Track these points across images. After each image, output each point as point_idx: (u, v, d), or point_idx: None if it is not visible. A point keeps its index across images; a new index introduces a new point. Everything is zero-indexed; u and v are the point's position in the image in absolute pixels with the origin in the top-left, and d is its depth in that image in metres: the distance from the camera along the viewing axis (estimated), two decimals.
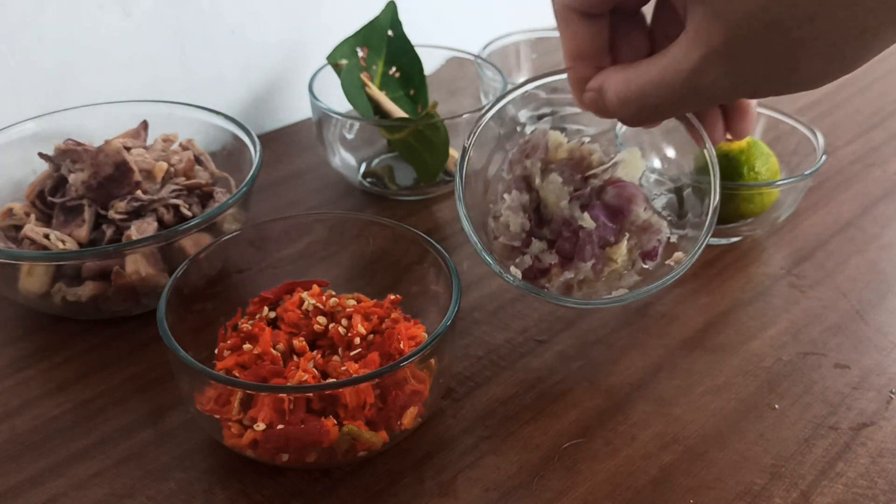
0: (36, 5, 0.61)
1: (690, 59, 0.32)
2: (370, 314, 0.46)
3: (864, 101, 0.85)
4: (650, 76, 0.35)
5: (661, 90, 0.34)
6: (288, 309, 0.46)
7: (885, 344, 0.52)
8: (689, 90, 0.33)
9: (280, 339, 0.44)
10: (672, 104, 0.35)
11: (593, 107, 0.39)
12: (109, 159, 0.54)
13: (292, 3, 0.76)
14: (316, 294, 0.47)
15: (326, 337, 0.45)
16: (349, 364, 0.42)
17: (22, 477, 0.43)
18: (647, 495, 0.42)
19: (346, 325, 0.45)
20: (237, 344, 0.44)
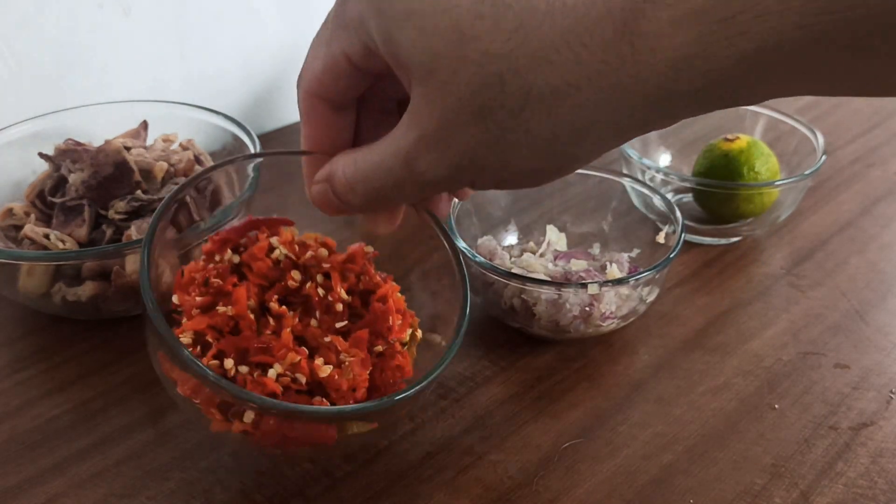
0: (36, 5, 0.61)
1: (407, 142, 0.31)
2: (346, 271, 0.42)
3: (864, 101, 0.85)
4: (374, 157, 0.33)
5: (383, 173, 0.32)
6: (256, 256, 0.41)
7: (885, 344, 0.52)
8: (408, 174, 0.31)
9: (251, 293, 0.40)
10: (394, 189, 0.33)
11: (321, 201, 0.36)
12: (109, 159, 0.54)
13: (292, 3, 0.77)
14: (287, 242, 0.42)
15: (300, 294, 0.41)
16: (335, 339, 0.39)
17: (22, 477, 0.43)
18: (647, 495, 0.42)
19: (322, 282, 0.41)
20: (208, 302, 0.39)
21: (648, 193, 0.56)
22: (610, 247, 0.58)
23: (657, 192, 0.55)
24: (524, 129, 0.28)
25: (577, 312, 0.49)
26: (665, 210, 0.54)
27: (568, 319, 0.49)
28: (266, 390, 0.36)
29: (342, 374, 0.38)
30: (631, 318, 0.51)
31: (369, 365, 0.39)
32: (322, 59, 0.34)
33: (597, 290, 0.47)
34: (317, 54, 0.34)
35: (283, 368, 0.37)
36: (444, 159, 0.30)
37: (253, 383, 0.37)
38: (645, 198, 0.56)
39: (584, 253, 0.56)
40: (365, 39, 0.31)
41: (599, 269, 0.54)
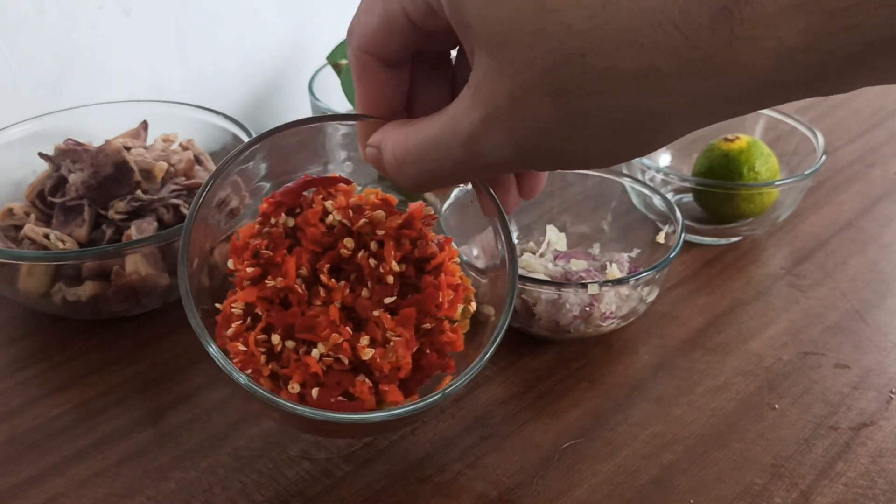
0: (36, 5, 0.61)
1: (470, 120, 0.28)
2: (402, 238, 0.39)
3: (864, 101, 0.85)
4: (428, 136, 0.30)
5: (439, 153, 0.30)
6: (310, 222, 0.39)
7: (885, 344, 0.52)
8: (469, 156, 0.29)
9: (303, 260, 0.38)
10: (451, 171, 0.31)
11: (375, 164, 0.34)
12: (109, 159, 0.54)
13: (292, 3, 0.77)
14: (341, 207, 0.39)
15: (353, 262, 0.39)
16: (382, 314, 0.38)
17: (22, 477, 0.43)
18: (647, 495, 0.42)
19: (376, 250, 0.39)
20: (259, 274, 0.39)
21: (648, 193, 0.56)
22: (610, 247, 0.58)
23: (657, 192, 0.55)
24: (601, 113, 0.26)
25: (577, 312, 0.49)
26: (665, 210, 0.54)
27: (568, 319, 0.49)
28: (308, 371, 0.36)
29: (385, 356, 0.37)
30: (631, 318, 0.51)
31: (414, 346, 0.38)
32: (378, 14, 0.31)
33: (597, 290, 0.47)
34: (371, 9, 0.31)
35: (327, 349, 0.37)
36: (510, 141, 0.28)
37: (296, 363, 0.37)
38: (645, 198, 0.56)
39: (584, 253, 0.56)
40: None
41: (599, 269, 0.54)
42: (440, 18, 0.29)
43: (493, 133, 0.28)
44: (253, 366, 0.37)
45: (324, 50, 0.69)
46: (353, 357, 0.37)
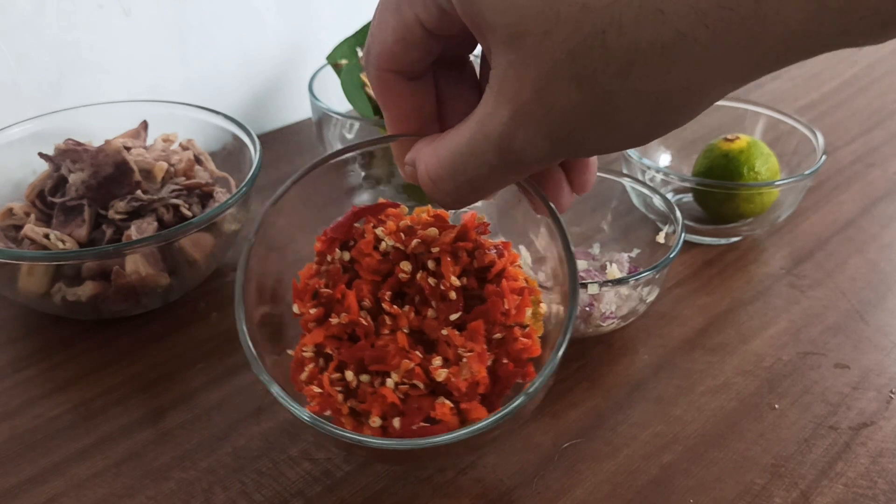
0: (36, 5, 0.61)
1: (498, 121, 0.27)
2: (458, 251, 0.38)
3: (864, 101, 0.85)
4: (459, 147, 0.29)
5: (473, 162, 0.29)
6: (364, 252, 0.38)
7: (885, 344, 0.52)
8: (504, 158, 0.28)
9: (364, 293, 0.38)
10: (489, 178, 0.29)
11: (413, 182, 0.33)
12: (109, 159, 0.54)
13: (292, 3, 0.77)
14: (392, 232, 0.39)
15: (414, 284, 0.38)
16: (451, 332, 0.37)
17: (22, 477, 0.43)
18: (647, 495, 0.42)
19: (434, 268, 0.38)
20: (322, 314, 0.38)
21: (648, 193, 0.56)
22: (610, 247, 0.58)
23: (657, 192, 0.55)
24: (632, 90, 0.25)
25: (577, 312, 0.48)
26: (665, 210, 0.54)
27: None
28: (386, 402, 0.36)
29: (459, 374, 0.36)
30: (631, 318, 0.51)
31: (487, 358, 0.37)
32: (392, 29, 0.31)
33: (597, 290, 0.47)
34: (384, 24, 0.31)
35: (400, 377, 0.36)
36: (543, 134, 0.27)
37: (373, 396, 0.36)
38: (645, 198, 0.56)
39: (584, 253, 0.56)
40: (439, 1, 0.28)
41: (599, 269, 0.54)
42: (454, 21, 0.28)
43: (524, 129, 0.27)
44: (331, 406, 0.36)
45: (324, 50, 0.69)
46: (427, 380, 0.36)
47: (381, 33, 0.31)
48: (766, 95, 0.86)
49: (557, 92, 0.25)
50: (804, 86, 0.89)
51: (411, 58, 0.31)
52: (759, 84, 0.89)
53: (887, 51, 0.97)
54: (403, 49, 0.31)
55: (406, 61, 0.31)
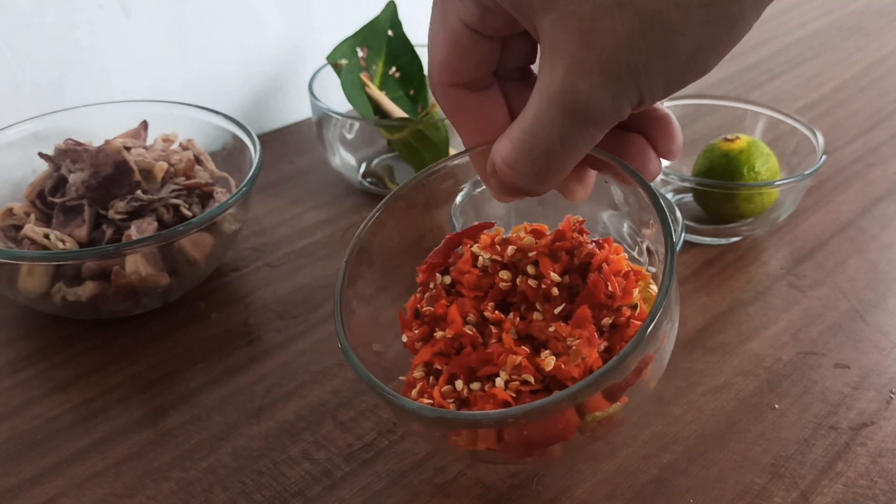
0: (36, 5, 0.61)
1: (557, 82, 0.27)
2: (556, 252, 0.37)
3: (864, 101, 0.85)
4: (527, 123, 0.29)
5: (543, 132, 0.29)
6: (463, 270, 0.38)
7: (885, 344, 0.52)
8: (570, 117, 0.28)
9: (467, 308, 0.37)
10: (564, 145, 0.29)
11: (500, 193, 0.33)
12: (109, 159, 0.54)
13: (292, 3, 0.77)
14: (488, 245, 0.38)
15: (517, 293, 0.38)
16: (558, 326, 0.36)
17: (22, 477, 0.43)
18: (647, 495, 0.42)
19: (534, 272, 0.37)
20: (426, 332, 0.38)
21: None
22: None
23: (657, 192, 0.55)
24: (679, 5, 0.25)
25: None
26: None
27: None
28: (497, 401, 0.34)
29: (569, 361, 0.34)
30: None
31: (597, 342, 0.35)
32: (442, 39, 0.31)
33: None
34: (435, 38, 0.32)
35: (509, 374, 0.35)
36: (602, 78, 0.27)
37: (483, 398, 0.34)
38: None
39: None
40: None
41: None
42: (496, 15, 0.29)
43: (581, 80, 0.27)
44: None
45: (324, 50, 0.69)
46: (538, 375, 0.35)
47: (435, 49, 0.31)
48: (766, 95, 0.86)
49: (604, 30, 0.25)
50: (804, 86, 0.89)
51: (468, 65, 0.31)
52: (759, 84, 0.89)
53: (887, 51, 0.97)
54: (458, 58, 0.31)
55: (463, 70, 0.32)
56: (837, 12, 1.09)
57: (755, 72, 0.92)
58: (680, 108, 0.69)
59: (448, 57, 0.31)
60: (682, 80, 0.28)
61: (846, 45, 0.99)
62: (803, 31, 1.03)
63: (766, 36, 1.02)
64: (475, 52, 0.31)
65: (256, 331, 0.54)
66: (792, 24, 1.05)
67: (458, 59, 0.31)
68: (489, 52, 0.31)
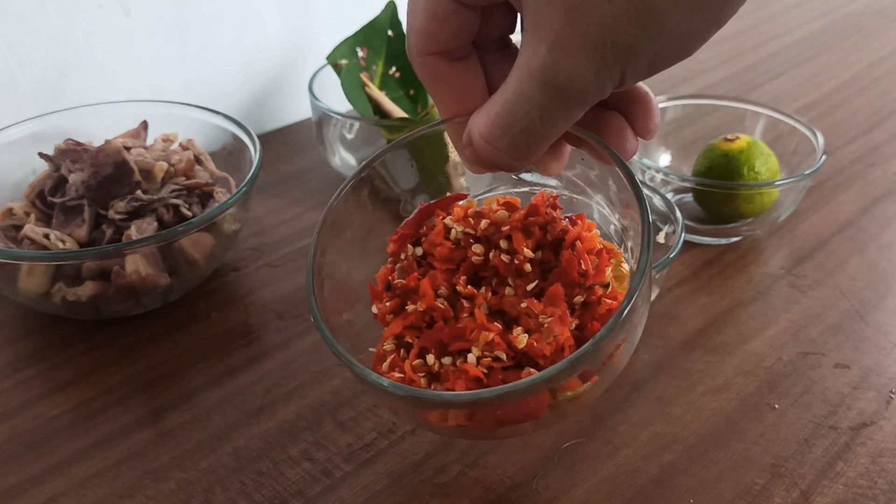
0: (36, 5, 0.61)
1: (539, 57, 0.27)
2: (530, 227, 0.37)
3: (864, 101, 0.85)
4: (507, 97, 0.29)
5: (523, 107, 0.29)
6: (435, 242, 0.38)
7: (885, 344, 0.52)
8: (551, 94, 0.28)
9: (439, 281, 0.37)
10: (542, 121, 0.29)
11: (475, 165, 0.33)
12: (109, 159, 0.54)
13: (292, 3, 0.77)
14: (461, 218, 0.38)
15: (489, 267, 0.38)
16: (530, 302, 0.36)
17: (22, 477, 0.43)
18: (647, 495, 0.42)
19: (507, 247, 0.37)
20: (398, 305, 0.38)
21: (648, 193, 0.56)
22: None
23: (657, 192, 0.55)
24: None
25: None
26: (665, 210, 0.54)
27: None
28: (469, 377, 0.34)
29: (542, 339, 0.34)
30: None
31: (569, 320, 0.35)
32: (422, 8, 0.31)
33: None
34: (415, 7, 0.31)
35: (481, 350, 0.35)
36: (585, 56, 0.26)
37: (455, 373, 0.34)
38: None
39: None
40: None
41: None
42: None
43: (564, 57, 0.27)
44: None
45: (324, 50, 0.69)
46: (510, 351, 0.35)
47: (414, 16, 0.31)
48: (766, 95, 0.86)
49: (592, 7, 0.25)
50: (804, 86, 0.89)
51: (447, 34, 0.31)
52: (759, 84, 0.89)
53: (887, 51, 0.97)
54: (437, 26, 0.31)
55: (442, 39, 0.31)
56: (837, 12, 1.09)
57: (755, 72, 0.92)
58: (680, 108, 0.69)
59: (427, 24, 0.31)
60: (666, 61, 0.27)
61: (846, 45, 0.99)
62: (803, 31, 1.03)
63: (766, 36, 1.02)
64: (455, 20, 0.31)
65: (256, 331, 0.54)
66: (792, 24, 1.05)
67: (437, 27, 0.31)
68: (469, 21, 0.31)
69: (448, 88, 0.33)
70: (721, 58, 0.95)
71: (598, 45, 0.26)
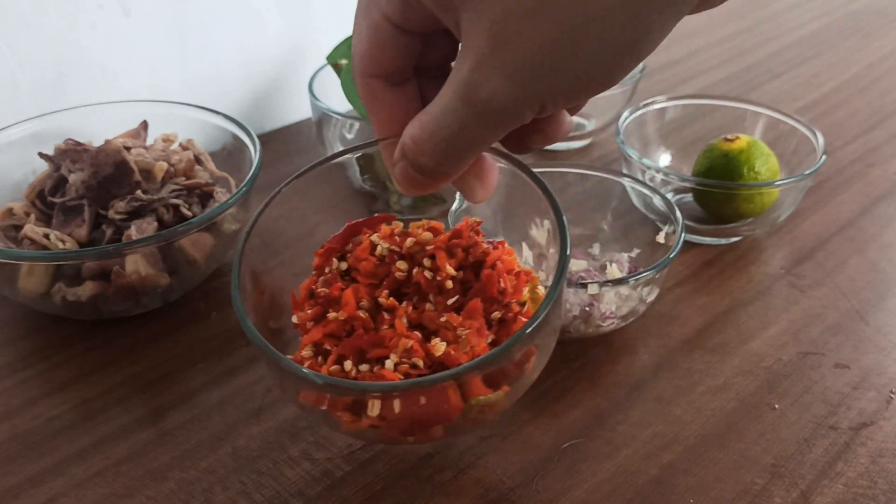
0: (36, 5, 0.61)
1: (463, 73, 0.28)
2: (453, 248, 0.39)
3: (864, 101, 0.85)
4: (435, 108, 0.30)
5: (446, 118, 0.30)
6: (360, 258, 0.40)
7: (885, 344, 0.52)
8: (471, 110, 0.29)
9: (362, 294, 0.39)
10: (462, 135, 0.30)
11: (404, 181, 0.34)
12: (109, 159, 0.54)
13: (292, 3, 0.77)
14: (387, 236, 0.40)
15: (411, 283, 0.39)
16: (449, 316, 0.37)
17: (22, 477, 0.43)
18: (647, 495, 0.42)
19: (430, 265, 0.39)
20: (319, 313, 0.39)
21: (648, 193, 0.56)
22: (610, 247, 0.58)
23: (657, 192, 0.55)
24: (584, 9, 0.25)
25: (577, 312, 0.49)
26: (665, 210, 0.54)
27: (568, 319, 0.49)
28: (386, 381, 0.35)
29: (459, 349, 0.36)
30: (631, 318, 0.51)
31: (486, 333, 0.37)
32: (365, 33, 0.32)
33: (597, 290, 0.47)
34: (359, 30, 0.32)
35: (399, 356, 0.36)
36: (506, 75, 0.27)
37: (371, 377, 0.35)
38: (645, 198, 0.56)
39: (584, 253, 0.56)
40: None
41: (599, 269, 0.54)
42: (417, 10, 0.30)
43: (484, 78, 0.28)
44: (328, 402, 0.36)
45: (324, 50, 0.69)
46: (427, 359, 0.36)
47: (358, 39, 0.32)
48: (766, 95, 0.86)
49: (515, 34, 0.26)
50: (804, 86, 0.89)
51: (387, 58, 0.32)
52: (759, 84, 0.89)
53: (887, 51, 0.97)
54: (379, 50, 0.32)
55: (383, 62, 0.33)
56: (837, 12, 1.09)
57: (755, 72, 0.92)
58: (680, 108, 0.69)
59: (369, 48, 0.32)
60: (586, 92, 0.28)
61: (846, 45, 0.99)
62: (803, 31, 1.03)
63: (766, 36, 1.02)
64: (395, 45, 0.32)
65: None
66: (792, 24, 1.05)
67: (378, 51, 0.32)
68: (409, 47, 0.32)
69: (385, 110, 0.34)
70: (721, 58, 0.95)
71: (517, 71, 0.27)
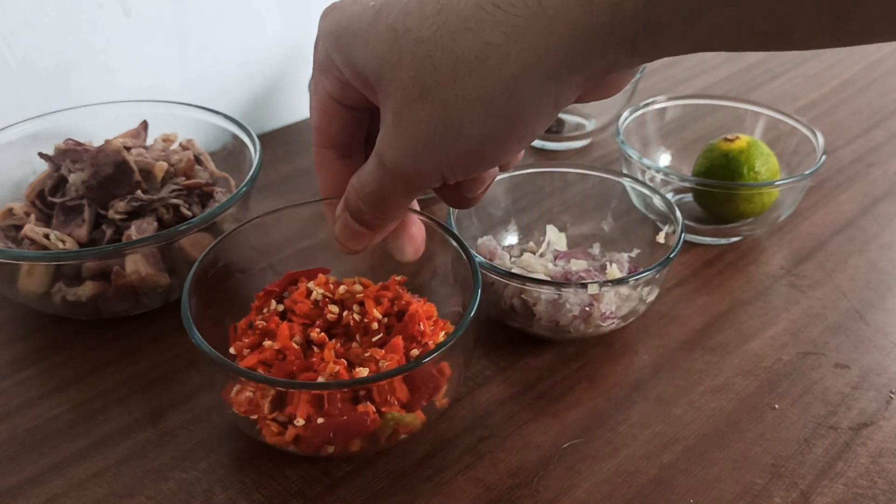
0: (36, 5, 0.61)
1: (378, 144, 0.33)
2: (380, 297, 0.45)
3: (864, 101, 0.85)
4: (365, 166, 0.35)
5: (370, 176, 0.34)
6: (297, 300, 0.45)
7: (885, 344, 0.52)
8: (382, 172, 0.34)
9: (295, 331, 0.44)
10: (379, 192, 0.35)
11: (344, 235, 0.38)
12: (109, 159, 0.54)
13: (292, 3, 0.77)
14: (322, 283, 0.46)
15: (341, 325, 0.45)
16: (373, 350, 0.42)
17: (22, 477, 0.43)
18: (647, 495, 0.42)
19: (358, 310, 0.44)
20: (256, 342, 0.44)
21: (648, 193, 0.56)
22: (610, 247, 0.58)
23: (657, 192, 0.55)
24: (462, 96, 0.29)
25: (577, 312, 0.49)
26: (665, 210, 0.54)
27: (568, 319, 0.49)
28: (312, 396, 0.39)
29: None
30: (631, 318, 0.51)
31: None
32: (315, 105, 0.37)
33: (597, 290, 0.47)
34: (311, 106, 0.37)
35: (326, 379, 0.40)
36: (404, 148, 0.32)
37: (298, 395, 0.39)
38: (645, 198, 0.56)
39: (584, 253, 0.56)
40: (337, 74, 0.34)
41: (599, 269, 0.54)
42: (353, 89, 0.34)
43: (391, 147, 0.32)
44: (258, 413, 0.40)
45: None
46: None
47: (311, 114, 0.37)
48: (766, 95, 0.86)
49: (408, 112, 0.31)
50: (804, 86, 0.89)
51: (333, 131, 0.37)
52: (759, 84, 0.89)
53: (887, 51, 0.97)
54: (326, 124, 0.37)
55: (331, 136, 0.38)
56: None
57: (755, 72, 0.92)
58: (680, 108, 0.69)
59: (318, 121, 0.37)
60: (477, 164, 0.33)
61: None
62: None
63: None
64: (341, 119, 0.37)
65: None
66: None
67: (326, 126, 0.37)
68: (355, 120, 0.37)
69: (332, 177, 0.39)
70: (721, 58, 0.95)
71: (412, 146, 0.32)
